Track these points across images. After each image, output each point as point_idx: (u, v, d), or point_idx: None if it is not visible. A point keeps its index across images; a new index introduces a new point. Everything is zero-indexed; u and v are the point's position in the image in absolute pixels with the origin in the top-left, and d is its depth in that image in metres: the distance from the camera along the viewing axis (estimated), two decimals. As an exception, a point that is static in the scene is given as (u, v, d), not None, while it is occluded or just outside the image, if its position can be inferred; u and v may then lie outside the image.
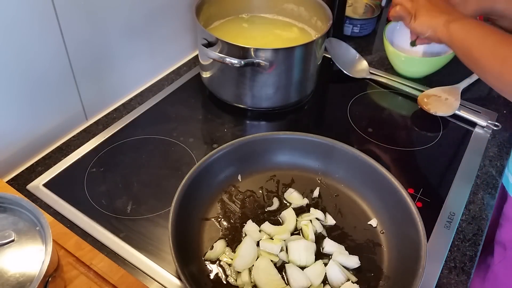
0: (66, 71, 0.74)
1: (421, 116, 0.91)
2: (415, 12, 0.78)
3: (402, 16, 0.80)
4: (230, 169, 0.71)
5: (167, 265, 0.62)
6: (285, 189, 0.72)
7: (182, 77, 0.96)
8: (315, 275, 0.60)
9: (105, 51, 0.80)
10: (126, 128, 0.83)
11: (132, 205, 0.70)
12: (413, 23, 0.79)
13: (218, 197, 0.70)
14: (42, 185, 0.71)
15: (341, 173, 0.73)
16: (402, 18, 0.80)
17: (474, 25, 0.71)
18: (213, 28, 0.94)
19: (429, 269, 0.63)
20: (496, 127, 0.87)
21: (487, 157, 0.83)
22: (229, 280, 0.60)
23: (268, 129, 0.89)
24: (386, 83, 0.98)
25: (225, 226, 0.66)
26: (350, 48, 1.03)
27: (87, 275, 0.53)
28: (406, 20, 0.80)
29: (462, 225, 0.71)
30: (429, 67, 0.97)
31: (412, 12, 0.78)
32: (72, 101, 0.79)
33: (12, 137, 0.71)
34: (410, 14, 0.79)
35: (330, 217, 0.68)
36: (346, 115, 0.90)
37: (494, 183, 0.78)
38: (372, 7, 1.16)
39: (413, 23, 0.79)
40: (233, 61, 0.77)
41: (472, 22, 0.72)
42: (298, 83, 0.87)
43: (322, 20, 0.91)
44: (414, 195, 0.74)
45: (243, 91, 0.85)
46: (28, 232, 0.48)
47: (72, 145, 0.79)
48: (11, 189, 0.63)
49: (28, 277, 0.45)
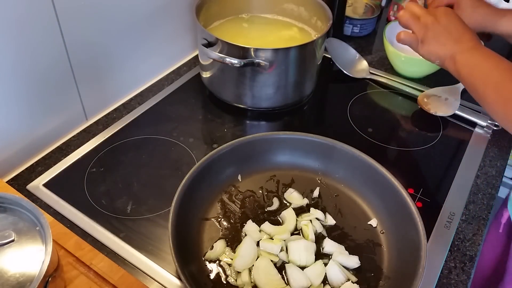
0: (66, 71, 0.74)
1: (421, 116, 0.91)
2: (422, 37, 0.71)
3: (408, 43, 0.74)
4: (230, 169, 0.71)
5: (167, 265, 0.62)
6: (285, 189, 0.72)
7: (182, 77, 0.96)
8: (315, 275, 0.60)
9: (105, 51, 0.80)
10: (126, 128, 0.83)
11: (132, 205, 0.70)
12: (421, 49, 0.73)
13: (218, 197, 0.70)
14: (42, 185, 0.71)
15: (341, 173, 0.73)
16: (408, 44, 0.74)
17: (481, 59, 0.67)
18: (213, 28, 0.94)
19: (429, 269, 0.63)
20: (496, 127, 0.87)
21: (487, 157, 0.83)
22: (229, 280, 0.60)
23: (268, 129, 0.89)
24: (386, 83, 0.98)
25: (225, 226, 0.66)
26: (350, 48, 1.03)
27: (87, 275, 0.53)
28: (412, 46, 0.74)
29: (462, 225, 0.71)
30: (429, 67, 0.97)
31: (419, 37, 0.71)
32: (72, 101, 0.79)
33: (12, 137, 0.71)
34: (416, 40, 0.72)
35: (330, 217, 0.68)
36: (346, 115, 0.90)
37: (494, 183, 0.78)
38: (372, 7, 1.16)
39: (420, 50, 0.73)
40: (233, 61, 0.77)
41: (479, 56, 0.67)
42: (298, 83, 0.87)
43: (322, 20, 0.91)
44: (414, 195, 0.74)
45: (243, 91, 0.85)
46: (28, 232, 0.48)
47: (72, 145, 0.79)
48: (11, 189, 0.63)
49: (28, 277, 0.45)
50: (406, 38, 0.73)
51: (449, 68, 0.70)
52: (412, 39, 0.73)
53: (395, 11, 1.16)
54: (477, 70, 0.66)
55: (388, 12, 1.19)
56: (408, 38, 0.73)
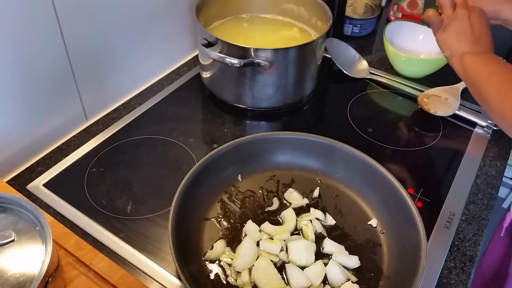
0: (66, 71, 0.74)
1: (421, 116, 0.91)
2: (447, 24, 0.72)
3: (432, 23, 0.75)
4: (230, 169, 0.71)
5: (167, 265, 0.62)
6: (285, 189, 0.72)
7: (182, 77, 0.96)
8: (315, 275, 0.60)
9: (105, 51, 0.80)
10: (126, 128, 0.83)
11: (132, 205, 0.70)
12: (439, 34, 0.74)
13: (218, 197, 0.70)
14: (42, 185, 0.71)
15: (341, 173, 0.73)
16: (431, 24, 0.75)
17: (487, 61, 0.68)
18: (213, 28, 0.94)
19: (429, 269, 0.63)
20: (496, 127, 0.87)
21: (487, 157, 0.83)
22: (229, 280, 0.60)
23: (268, 129, 0.89)
24: (386, 83, 0.98)
25: (225, 226, 0.66)
26: (350, 48, 1.03)
27: (87, 275, 0.53)
28: (434, 28, 0.75)
29: (462, 225, 0.71)
30: (429, 67, 0.97)
31: (445, 23, 0.73)
32: (72, 101, 0.79)
33: (12, 137, 0.71)
34: (441, 23, 0.74)
35: (330, 217, 0.68)
36: (346, 115, 0.90)
37: (494, 183, 0.78)
38: (372, 7, 1.16)
39: (439, 35, 0.74)
40: (233, 61, 0.77)
41: (486, 58, 0.69)
42: (298, 83, 0.87)
43: (322, 20, 0.91)
44: (414, 195, 0.74)
45: (243, 91, 0.85)
46: (28, 232, 0.48)
47: (72, 145, 0.79)
48: (11, 189, 0.63)
49: (28, 277, 0.45)
50: (434, 17, 0.74)
51: (454, 65, 0.72)
52: (438, 20, 0.74)
53: (395, 11, 1.16)
54: (482, 69, 0.68)
55: (388, 12, 1.19)
56: (435, 18, 0.74)
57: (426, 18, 0.76)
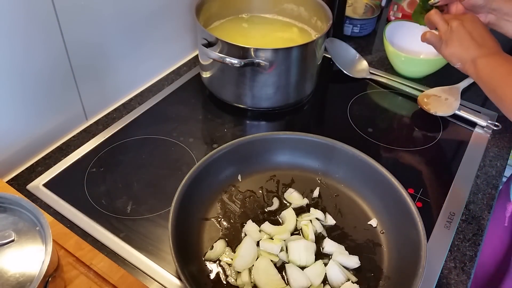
0: (66, 71, 0.74)
1: (421, 116, 0.91)
2: (447, 39, 0.73)
3: (432, 43, 0.76)
4: (230, 169, 0.71)
5: (167, 265, 0.62)
6: (285, 189, 0.72)
7: (182, 77, 0.96)
8: (315, 275, 0.60)
9: (105, 51, 0.80)
10: (126, 128, 0.83)
11: (132, 205, 0.70)
12: (444, 50, 0.74)
13: (218, 197, 0.70)
14: (42, 185, 0.71)
15: (341, 173, 0.73)
16: (432, 44, 0.77)
17: (501, 62, 0.68)
18: (213, 28, 0.94)
19: (429, 269, 0.63)
20: (496, 127, 0.87)
21: (487, 157, 0.83)
22: (229, 280, 0.60)
23: (268, 129, 0.89)
24: (386, 83, 0.98)
25: (225, 226, 0.66)
26: (350, 48, 1.03)
27: (87, 275, 0.53)
28: (436, 47, 0.76)
29: (462, 225, 0.71)
30: (429, 67, 0.97)
31: (444, 38, 0.73)
32: (72, 101, 0.79)
33: (12, 137, 0.71)
34: (440, 41, 0.74)
35: (330, 217, 0.68)
36: (346, 115, 0.90)
37: (494, 183, 0.78)
38: (372, 7, 1.16)
39: (443, 51, 0.75)
40: (233, 61, 0.77)
41: (499, 59, 0.69)
42: (298, 83, 0.87)
43: (322, 20, 0.91)
44: (414, 195, 0.74)
45: (243, 91, 0.85)
46: (28, 232, 0.48)
47: (72, 145, 0.79)
48: (11, 189, 0.63)
49: (28, 277, 0.45)
50: (432, 38, 0.76)
51: (468, 71, 0.72)
52: (437, 39, 0.75)
53: (395, 11, 1.16)
54: (497, 72, 0.68)
55: (388, 12, 1.19)
56: (433, 38, 0.75)
57: (424, 40, 0.77)
